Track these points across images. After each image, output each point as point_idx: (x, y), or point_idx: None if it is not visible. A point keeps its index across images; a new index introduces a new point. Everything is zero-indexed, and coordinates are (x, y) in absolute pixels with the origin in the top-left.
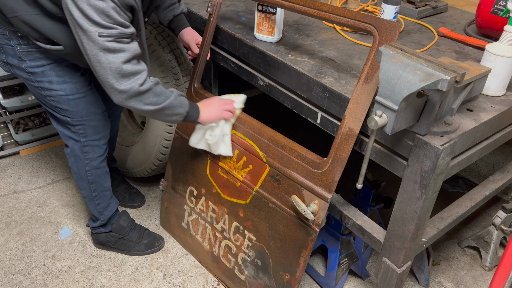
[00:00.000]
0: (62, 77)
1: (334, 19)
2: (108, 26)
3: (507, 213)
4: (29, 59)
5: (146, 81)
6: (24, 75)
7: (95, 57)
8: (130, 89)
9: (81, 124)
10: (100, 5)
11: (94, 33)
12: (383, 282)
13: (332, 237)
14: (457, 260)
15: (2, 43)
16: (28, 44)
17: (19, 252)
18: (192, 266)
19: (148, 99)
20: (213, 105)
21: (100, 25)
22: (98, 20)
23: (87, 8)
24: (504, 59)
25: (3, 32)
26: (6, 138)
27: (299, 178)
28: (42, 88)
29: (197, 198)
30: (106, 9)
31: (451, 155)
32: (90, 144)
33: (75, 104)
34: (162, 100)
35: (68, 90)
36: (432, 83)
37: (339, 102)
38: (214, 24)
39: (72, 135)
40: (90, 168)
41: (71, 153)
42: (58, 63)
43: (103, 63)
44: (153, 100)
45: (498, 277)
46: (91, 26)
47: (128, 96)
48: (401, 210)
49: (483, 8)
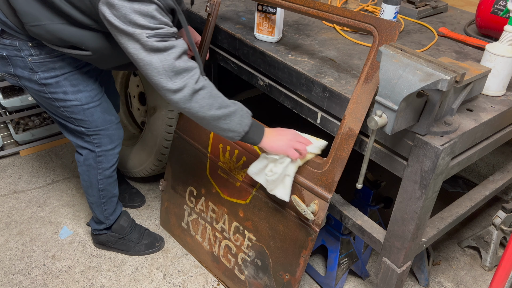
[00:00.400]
0: (77, 87)
1: (334, 19)
2: (154, 27)
3: (507, 213)
4: (42, 70)
5: (200, 78)
6: (36, 87)
7: (144, 60)
8: (185, 86)
9: (96, 134)
10: (144, 8)
11: (142, 35)
12: (383, 282)
13: (332, 237)
14: (457, 260)
15: (11, 54)
16: (40, 55)
17: (19, 252)
18: (192, 266)
19: (203, 100)
20: (283, 136)
21: (146, 27)
22: (143, 23)
23: (130, 13)
24: (504, 59)
25: (12, 43)
26: (6, 138)
27: (299, 178)
28: (56, 99)
29: (197, 198)
30: (151, 11)
31: (451, 155)
32: (104, 154)
33: (91, 113)
34: (218, 104)
35: (83, 99)
36: (432, 83)
37: (339, 102)
38: (213, 24)
39: (87, 145)
40: (103, 177)
41: (84, 162)
42: (72, 73)
43: (155, 63)
44: (209, 101)
45: (498, 277)
46: (137, 29)
47: (184, 95)
48: (401, 210)
49: (483, 8)
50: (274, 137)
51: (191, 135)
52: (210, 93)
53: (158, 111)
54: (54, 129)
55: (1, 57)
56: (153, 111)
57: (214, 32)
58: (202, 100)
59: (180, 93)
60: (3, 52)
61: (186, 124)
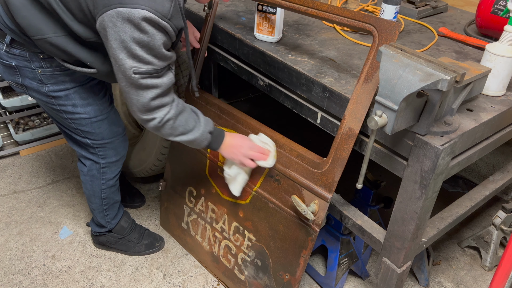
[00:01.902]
0: (87, 100)
1: (334, 19)
2: (146, 61)
3: (507, 213)
4: (52, 82)
5: (170, 111)
6: (44, 99)
7: (125, 89)
8: (153, 119)
9: (102, 147)
10: (146, 40)
11: (130, 70)
12: (383, 282)
13: (332, 237)
14: (457, 260)
15: (20, 65)
16: (51, 67)
17: (19, 252)
18: (192, 266)
19: (166, 130)
20: (238, 148)
21: (137, 59)
22: (139, 54)
23: (129, 42)
24: (504, 59)
25: (22, 54)
26: (6, 138)
27: (299, 178)
28: (64, 112)
29: (196, 198)
30: (151, 43)
31: (451, 155)
32: (109, 165)
33: (98, 126)
34: (179, 132)
35: (92, 113)
36: (432, 83)
37: (339, 102)
38: (211, 23)
39: (91, 156)
40: (106, 187)
41: (88, 173)
42: (82, 86)
43: (132, 98)
44: (169, 131)
45: (498, 277)
46: (128, 59)
47: (152, 125)
48: (401, 210)
49: (483, 8)
50: (231, 148)
51: None
52: (172, 125)
53: None
54: (54, 129)
55: (9, 66)
56: None
57: (214, 32)
58: (166, 129)
59: (149, 122)
60: (12, 62)
61: None
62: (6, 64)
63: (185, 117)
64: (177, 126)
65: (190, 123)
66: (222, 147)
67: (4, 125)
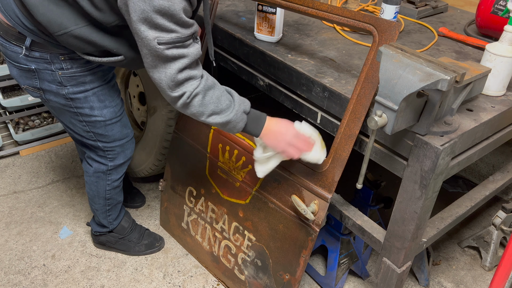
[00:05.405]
0: (103, 102)
1: (334, 19)
2: (168, 29)
3: (507, 213)
4: (72, 84)
5: (200, 84)
6: (62, 101)
7: (152, 65)
8: (183, 94)
9: (112, 150)
10: (165, 4)
11: (153, 40)
12: (383, 282)
13: (332, 237)
14: (457, 260)
15: (40, 67)
16: (71, 69)
17: (19, 252)
18: (192, 266)
19: (195, 108)
20: (283, 135)
21: (159, 28)
22: (160, 23)
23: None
24: (504, 59)
25: (42, 56)
26: (6, 138)
27: (299, 178)
28: (81, 114)
29: (196, 198)
30: (174, 10)
31: (451, 155)
32: (116, 168)
33: (111, 128)
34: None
35: (107, 115)
36: (432, 83)
37: (339, 102)
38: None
39: (99, 159)
40: (111, 188)
41: (94, 174)
42: (101, 87)
43: (160, 73)
44: (200, 109)
45: (498, 277)
46: (150, 30)
47: (181, 102)
48: (401, 210)
49: (483, 8)
50: (274, 134)
51: (190, 135)
52: (201, 101)
53: (158, 111)
54: (54, 129)
55: (28, 70)
56: (153, 111)
57: (213, 32)
58: (195, 106)
59: (178, 100)
60: (31, 65)
61: (185, 124)
62: (25, 68)
63: (216, 94)
64: (207, 103)
65: (222, 101)
66: (264, 133)
67: (4, 125)
